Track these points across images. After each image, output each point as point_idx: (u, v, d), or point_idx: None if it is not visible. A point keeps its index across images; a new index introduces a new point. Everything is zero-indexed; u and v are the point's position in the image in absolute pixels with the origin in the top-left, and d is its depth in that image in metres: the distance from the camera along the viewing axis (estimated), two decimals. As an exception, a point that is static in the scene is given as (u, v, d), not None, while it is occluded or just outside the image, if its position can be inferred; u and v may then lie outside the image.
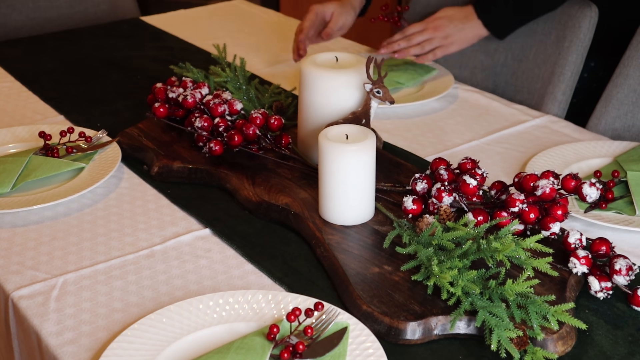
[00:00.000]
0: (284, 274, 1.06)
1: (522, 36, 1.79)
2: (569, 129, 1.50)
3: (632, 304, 0.98)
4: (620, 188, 1.23)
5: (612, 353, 0.91)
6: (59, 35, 2.08)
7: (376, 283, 1.00)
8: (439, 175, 1.15)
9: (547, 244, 1.02)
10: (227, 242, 1.14)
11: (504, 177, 1.30)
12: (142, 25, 2.16)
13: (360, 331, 0.91)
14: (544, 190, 1.07)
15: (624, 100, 1.59)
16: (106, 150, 1.36)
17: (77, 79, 1.76)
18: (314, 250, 1.11)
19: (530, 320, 0.90)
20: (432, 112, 1.59)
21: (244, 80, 1.49)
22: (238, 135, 1.28)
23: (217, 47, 1.60)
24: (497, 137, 1.47)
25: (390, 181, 1.24)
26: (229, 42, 1.81)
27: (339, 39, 2.01)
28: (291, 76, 1.77)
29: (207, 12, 2.29)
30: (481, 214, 1.07)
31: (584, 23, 1.69)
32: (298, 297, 0.98)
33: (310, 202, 1.18)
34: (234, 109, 1.36)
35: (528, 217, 1.07)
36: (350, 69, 1.24)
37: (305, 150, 1.30)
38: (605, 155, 1.36)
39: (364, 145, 1.10)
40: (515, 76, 1.81)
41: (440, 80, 1.70)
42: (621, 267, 0.99)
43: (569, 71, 1.70)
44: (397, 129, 1.51)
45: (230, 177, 1.26)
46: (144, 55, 1.90)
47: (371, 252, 1.06)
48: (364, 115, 1.19)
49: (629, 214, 1.18)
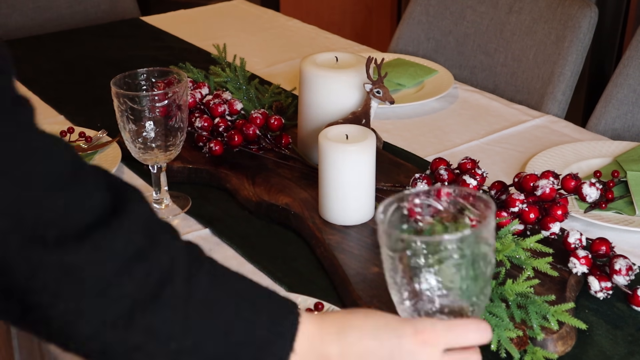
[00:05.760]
0: (284, 274, 1.06)
1: (522, 36, 1.79)
2: (569, 129, 1.50)
3: (632, 304, 0.98)
4: (620, 188, 1.23)
5: (612, 353, 0.91)
6: (59, 35, 2.08)
7: (376, 283, 1.00)
8: (439, 175, 1.15)
9: (547, 244, 1.02)
10: (227, 242, 1.14)
11: (504, 177, 1.30)
12: (142, 25, 2.16)
13: (360, 331, 0.91)
14: (544, 190, 1.07)
15: (624, 100, 1.59)
16: (106, 150, 1.36)
17: (77, 79, 1.77)
18: (314, 250, 1.11)
19: (530, 320, 0.90)
20: (432, 112, 1.59)
21: (244, 80, 1.49)
22: (238, 135, 1.28)
23: (217, 47, 1.60)
24: (497, 137, 1.47)
25: (390, 181, 1.24)
26: (229, 42, 1.80)
27: (339, 39, 2.01)
28: (291, 76, 1.77)
29: (207, 12, 2.29)
30: (481, 214, 1.06)
31: (584, 23, 1.69)
32: (298, 297, 0.97)
33: (310, 202, 1.18)
34: (234, 109, 1.36)
35: (528, 217, 1.07)
36: (350, 69, 1.24)
37: (305, 150, 1.30)
38: (605, 155, 1.36)
39: (364, 145, 1.10)
40: (515, 76, 1.81)
41: (440, 80, 1.70)
42: (621, 267, 0.99)
43: (569, 71, 1.70)
44: (397, 129, 1.51)
45: (230, 177, 1.26)
46: (144, 55, 1.90)
47: (371, 252, 1.06)
48: (364, 115, 1.19)
49: (629, 214, 1.18)
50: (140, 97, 1.12)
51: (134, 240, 0.61)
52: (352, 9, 3.73)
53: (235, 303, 0.65)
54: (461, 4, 1.94)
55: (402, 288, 0.72)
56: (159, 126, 1.13)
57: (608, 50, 2.78)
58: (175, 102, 1.13)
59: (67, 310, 0.59)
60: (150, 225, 0.64)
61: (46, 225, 0.58)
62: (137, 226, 0.62)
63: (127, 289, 0.60)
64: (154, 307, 0.61)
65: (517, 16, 1.82)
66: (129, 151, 1.19)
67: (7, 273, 0.58)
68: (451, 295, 0.71)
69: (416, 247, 0.69)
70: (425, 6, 2.00)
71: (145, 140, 1.14)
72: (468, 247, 0.69)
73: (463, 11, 1.93)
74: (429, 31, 1.99)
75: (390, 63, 1.75)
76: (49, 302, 0.58)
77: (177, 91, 1.13)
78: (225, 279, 0.67)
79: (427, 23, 1.99)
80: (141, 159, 1.17)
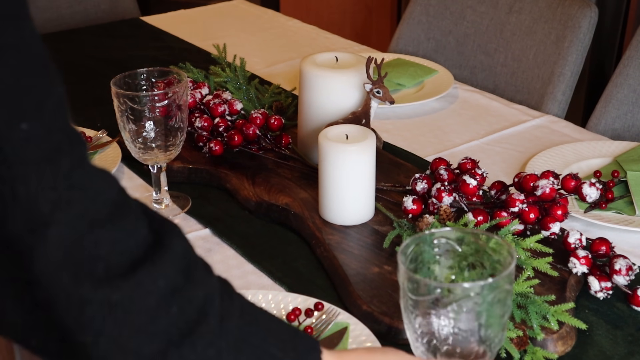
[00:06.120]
0: (284, 274, 1.06)
1: (522, 36, 1.79)
2: (569, 129, 1.50)
3: (632, 304, 0.98)
4: (620, 188, 1.23)
5: (612, 353, 0.91)
6: (59, 35, 2.08)
7: (376, 283, 1.00)
8: (439, 175, 1.15)
9: (547, 244, 1.02)
10: (227, 242, 1.14)
11: (504, 177, 1.30)
12: (142, 25, 2.16)
13: (360, 331, 0.91)
14: (544, 190, 1.07)
15: (624, 100, 1.59)
16: (106, 150, 1.36)
17: (77, 79, 1.76)
18: (314, 250, 1.11)
19: (530, 320, 0.90)
20: (432, 112, 1.59)
21: (244, 80, 1.49)
22: (238, 135, 1.28)
23: (217, 47, 1.60)
24: (497, 137, 1.47)
25: (390, 181, 1.24)
26: (229, 42, 1.80)
27: (339, 39, 2.01)
28: (291, 76, 1.77)
29: (207, 12, 2.29)
30: (481, 214, 1.07)
31: (584, 23, 1.69)
32: (298, 297, 0.98)
33: (310, 202, 1.18)
34: (234, 109, 1.36)
35: (528, 217, 1.07)
36: (350, 69, 1.24)
37: (305, 150, 1.30)
38: (605, 155, 1.36)
39: (364, 145, 1.10)
40: (515, 76, 1.81)
41: (440, 80, 1.70)
42: (621, 267, 0.99)
43: (569, 71, 1.70)
44: (397, 129, 1.51)
45: (230, 177, 1.26)
46: (144, 55, 1.90)
47: (371, 252, 1.06)
48: (364, 115, 1.19)
49: (629, 214, 1.18)
50: (140, 97, 1.12)
51: (174, 276, 0.62)
52: (352, 9, 3.73)
53: (263, 339, 0.67)
54: (461, 4, 1.94)
55: (416, 326, 0.73)
56: (159, 126, 1.13)
57: (608, 50, 2.78)
58: (175, 102, 1.13)
59: (108, 349, 0.59)
60: (188, 261, 0.64)
61: (96, 261, 0.58)
62: (178, 262, 0.62)
63: (164, 325, 0.60)
64: (189, 343, 0.61)
65: (517, 16, 1.82)
66: (129, 151, 1.19)
67: (54, 309, 0.58)
68: (466, 337, 0.72)
69: (436, 292, 0.71)
70: (425, 6, 2.00)
71: (145, 140, 1.14)
72: (488, 294, 0.70)
73: (463, 11, 1.93)
74: (429, 31, 1.99)
75: (390, 63, 1.75)
76: (92, 340, 0.58)
77: (177, 91, 1.13)
78: (254, 315, 0.68)
79: (427, 23, 1.99)
80: (141, 159, 1.17)
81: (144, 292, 0.60)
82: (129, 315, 0.59)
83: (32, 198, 0.56)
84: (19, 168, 0.55)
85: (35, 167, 0.56)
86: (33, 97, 0.57)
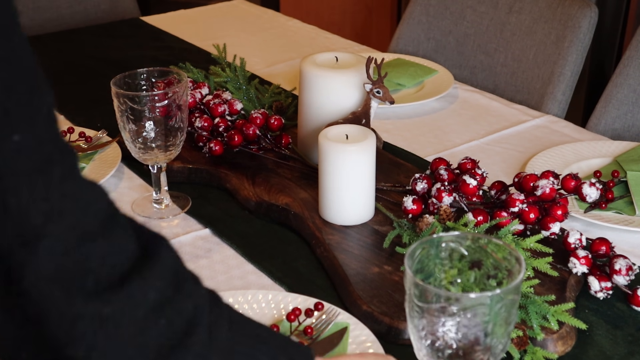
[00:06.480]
0: (284, 274, 1.06)
1: (522, 36, 1.79)
2: (568, 129, 1.50)
3: (632, 304, 0.98)
4: (620, 188, 1.23)
5: (612, 353, 0.91)
6: (59, 35, 2.08)
7: (376, 283, 1.00)
8: (439, 175, 1.15)
9: (547, 244, 1.02)
10: (227, 242, 1.14)
11: (504, 177, 1.30)
12: (142, 25, 2.16)
13: (360, 331, 0.91)
14: (544, 190, 1.07)
15: (624, 100, 1.59)
16: (106, 150, 1.36)
17: (77, 79, 1.76)
18: (314, 250, 1.11)
19: (530, 320, 0.90)
20: (432, 112, 1.59)
21: (244, 80, 1.49)
22: (238, 135, 1.28)
23: (217, 47, 1.60)
24: (497, 137, 1.47)
25: (390, 181, 1.24)
26: (229, 42, 1.81)
27: (339, 39, 2.01)
28: (291, 76, 1.77)
29: (207, 12, 2.29)
30: (481, 214, 1.07)
31: (584, 23, 1.69)
32: (298, 297, 0.98)
33: (310, 202, 1.18)
34: (234, 109, 1.36)
35: (528, 217, 1.07)
36: (350, 69, 1.24)
37: (305, 150, 1.30)
38: (605, 155, 1.36)
39: (364, 145, 1.10)
40: (515, 76, 1.81)
41: (440, 80, 1.70)
42: (621, 267, 0.99)
43: (569, 71, 1.70)
44: (397, 129, 1.51)
45: (230, 177, 1.26)
46: (144, 55, 1.90)
47: (371, 252, 1.06)
48: (364, 115, 1.19)
49: (629, 214, 1.18)
50: (140, 97, 1.11)
51: (163, 289, 0.61)
52: (352, 9, 3.73)
53: (254, 347, 0.67)
54: (461, 4, 1.94)
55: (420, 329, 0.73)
56: (159, 126, 1.13)
57: (608, 50, 2.78)
58: (175, 102, 1.13)
59: None
60: (178, 273, 0.64)
61: (87, 275, 0.58)
62: (168, 274, 0.62)
63: (154, 337, 0.60)
64: (179, 354, 0.61)
65: (517, 16, 1.82)
66: (129, 151, 1.19)
67: (45, 323, 0.57)
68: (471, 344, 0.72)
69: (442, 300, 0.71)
70: (425, 6, 2.00)
71: (145, 140, 1.14)
72: (495, 304, 0.70)
73: (463, 11, 1.93)
74: (429, 31, 1.99)
75: (390, 63, 1.75)
76: (84, 355, 0.58)
77: (177, 91, 1.13)
78: (243, 325, 0.68)
79: (427, 23, 1.99)
80: (141, 159, 1.17)
81: (135, 305, 0.59)
82: (120, 328, 0.59)
83: (23, 210, 0.55)
84: (10, 180, 0.55)
85: (27, 179, 0.55)
86: (24, 108, 0.56)
